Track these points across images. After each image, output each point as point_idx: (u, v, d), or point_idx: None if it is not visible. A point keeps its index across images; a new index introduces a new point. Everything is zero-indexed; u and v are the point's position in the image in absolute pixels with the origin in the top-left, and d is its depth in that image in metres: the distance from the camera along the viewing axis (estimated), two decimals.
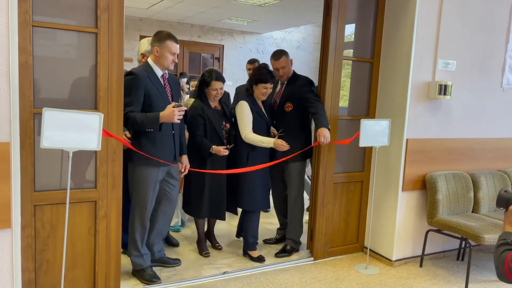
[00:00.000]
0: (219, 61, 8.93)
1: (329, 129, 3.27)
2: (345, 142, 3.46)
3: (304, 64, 8.95)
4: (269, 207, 3.59)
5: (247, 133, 3.27)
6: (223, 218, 3.50)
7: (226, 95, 4.19)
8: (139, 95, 2.78)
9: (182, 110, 2.73)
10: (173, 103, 2.75)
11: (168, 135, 2.90)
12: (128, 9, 7.55)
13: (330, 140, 3.27)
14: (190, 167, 3.17)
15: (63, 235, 2.55)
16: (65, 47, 2.56)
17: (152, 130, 2.76)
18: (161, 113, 2.72)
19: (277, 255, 3.63)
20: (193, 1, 6.62)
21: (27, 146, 2.43)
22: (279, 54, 3.56)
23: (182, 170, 3.11)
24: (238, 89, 4.43)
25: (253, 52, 9.14)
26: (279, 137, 3.30)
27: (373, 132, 3.29)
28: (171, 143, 2.93)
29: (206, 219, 3.70)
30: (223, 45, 8.96)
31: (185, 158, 3.15)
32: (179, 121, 2.78)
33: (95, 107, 2.63)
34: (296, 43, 9.47)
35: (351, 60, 3.65)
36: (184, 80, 7.87)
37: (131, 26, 8.18)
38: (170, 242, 3.72)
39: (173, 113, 2.69)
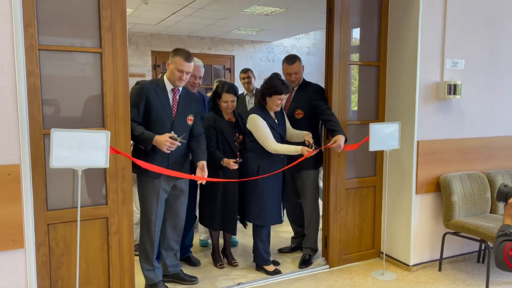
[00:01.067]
0: (230, 71, 8.99)
1: (346, 139, 3.24)
2: (353, 148, 3.42)
3: (315, 69, 8.94)
4: (281, 222, 3.50)
5: (272, 144, 3.18)
6: (234, 233, 3.46)
7: None
8: (139, 105, 2.83)
9: (175, 144, 2.75)
10: (171, 134, 2.78)
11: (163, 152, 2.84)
12: (138, 25, 7.70)
13: (341, 148, 3.24)
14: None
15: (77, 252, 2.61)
16: (72, 67, 2.61)
17: (143, 148, 2.81)
18: (156, 137, 2.76)
19: (301, 266, 3.59)
20: (201, 14, 6.71)
21: (38, 166, 2.49)
22: (293, 59, 3.55)
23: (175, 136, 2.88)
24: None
25: (263, 61, 9.18)
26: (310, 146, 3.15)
27: (382, 136, 3.26)
28: (164, 157, 2.88)
29: (222, 234, 3.69)
30: (233, 56, 9.03)
31: (201, 164, 2.94)
32: (168, 151, 2.78)
33: (102, 125, 2.68)
34: (307, 49, 9.48)
35: (357, 64, 3.63)
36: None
37: (142, 42, 8.33)
38: (191, 262, 3.67)
39: (164, 142, 2.72)
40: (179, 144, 2.78)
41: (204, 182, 3.01)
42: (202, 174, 2.91)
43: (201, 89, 7.61)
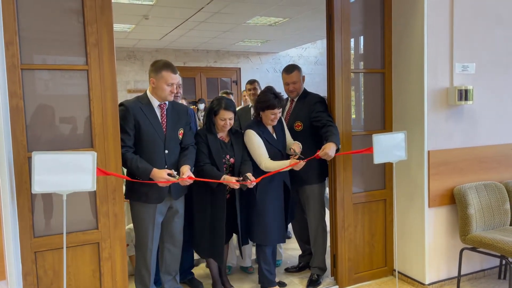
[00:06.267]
0: (236, 84, 8.89)
1: (338, 148, 3.04)
2: (346, 153, 3.23)
3: (322, 79, 8.77)
4: (284, 241, 3.28)
5: (265, 161, 3.01)
6: (220, 262, 3.11)
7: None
8: (129, 128, 2.69)
9: (170, 182, 2.65)
10: (171, 171, 2.66)
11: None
12: (142, 41, 7.68)
13: (331, 157, 2.99)
14: (192, 200, 3.03)
15: (67, 281, 2.47)
16: (57, 86, 2.51)
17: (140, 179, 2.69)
18: (153, 171, 2.64)
19: (309, 287, 3.39)
20: (203, 28, 6.64)
21: (23, 191, 2.37)
22: (291, 68, 3.40)
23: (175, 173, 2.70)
24: (240, 112, 4.10)
25: (270, 72, 9.07)
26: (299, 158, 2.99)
27: (388, 147, 3.04)
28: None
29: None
30: (239, 68, 8.95)
31: (186, 168, 2.73)
32: (162, 185, 2.68)
33: (91, 145, 2.55)
34: (314, 58, 9.34)
35: (360, 72, 3.46)
36: (202, 106, 7.87)
37: (148, 57, 8.30)
38: (193, 284, 3.47)
39: (162, 179, 2.61)
40: (176, 180, 2.67)
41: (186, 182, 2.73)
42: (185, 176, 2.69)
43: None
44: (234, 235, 3.39)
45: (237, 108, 4.45)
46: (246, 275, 3.70)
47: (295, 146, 3.09)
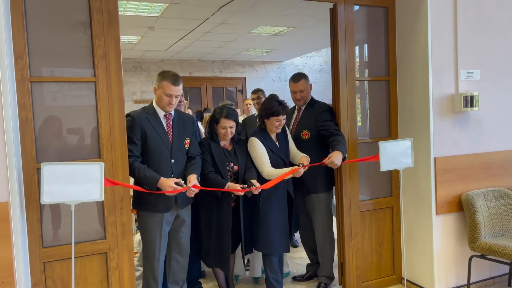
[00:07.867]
0: (242, 93, 8.94)
1: (344, 156, 3.05)
2: (353, 161, 3.24)
3: (328, 87, 8.80)
4: (289, 251, 3.28)
5: (266, 169, 3.04)
6: (226, 271, 3.12)
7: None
8: (136, 138, 2.72)
9: (177, 191, 2.67)
10: (178, 180, 2.68)
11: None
12: (148, 52, 7.76)
13: (337, 165, 3.01)
14: (199, 209, 3.05)
15: None
16: (65, 98, 2.55)
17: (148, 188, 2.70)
18: (161, 180, 2.65)
19: None
20: (209, 38, 6.70)
21: (32, 202, 2.40)
22: (298, 77, 3.43)
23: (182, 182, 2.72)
24: (246, 121, 4.14)
25: (275, 81, 9.10)
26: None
27: (394, 154, 3.05)
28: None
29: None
30: (245, 77, 9.00)
31: (193, 177, 2.76)
32: (170, 195, 2.71)
33: (99, 156, 2.58)
34: (319, 66, 9.37)
35: (365, 80, 3.47)
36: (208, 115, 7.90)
37: (154, 68, 8.38)
38: None
39: (169, 188, 2.63)
40: (183, 189, 2.68)
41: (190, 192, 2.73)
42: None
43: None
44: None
45: (243, 117, 4.49)
46: (254, 284, 3.69)
47: (303, 160, 3.10)
